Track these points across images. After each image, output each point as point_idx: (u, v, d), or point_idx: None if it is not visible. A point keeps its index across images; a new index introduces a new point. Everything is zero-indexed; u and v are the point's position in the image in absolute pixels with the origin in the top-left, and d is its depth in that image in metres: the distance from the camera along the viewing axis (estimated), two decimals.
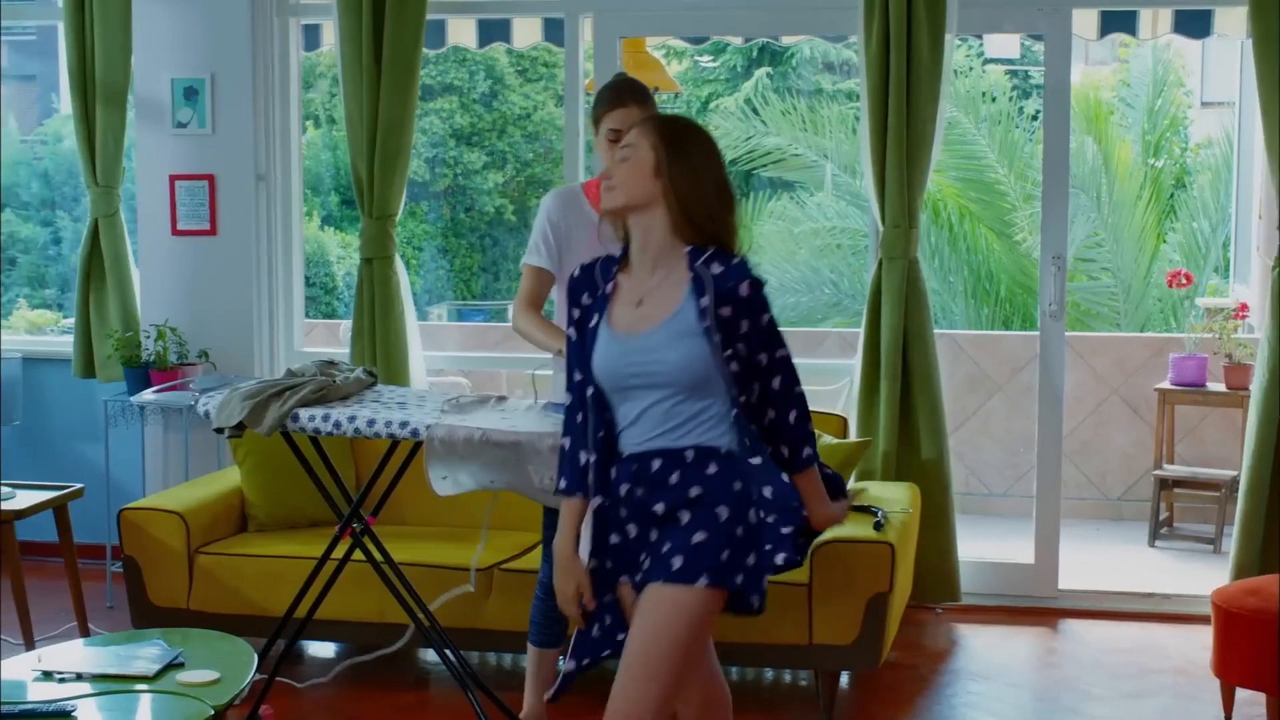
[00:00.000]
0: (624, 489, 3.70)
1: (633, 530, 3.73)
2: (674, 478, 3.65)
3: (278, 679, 5.53)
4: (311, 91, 15.66)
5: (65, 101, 15.09)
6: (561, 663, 5.09)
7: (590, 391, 3.74)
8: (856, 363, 6.64)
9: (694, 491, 3.64)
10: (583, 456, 3.76)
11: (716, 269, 3.64)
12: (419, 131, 6.50)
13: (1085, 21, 6.94)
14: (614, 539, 3.75)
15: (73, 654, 4.68)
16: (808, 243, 12.48)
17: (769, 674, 6.03)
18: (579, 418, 3.77)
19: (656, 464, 3.66)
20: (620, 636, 3.76)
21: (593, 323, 3.73)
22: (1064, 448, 6.96)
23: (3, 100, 13.49)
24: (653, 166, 3.68)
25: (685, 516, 3.65)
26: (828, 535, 5.48)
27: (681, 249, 3.68)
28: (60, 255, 12.98)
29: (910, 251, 6.47)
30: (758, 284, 3.64)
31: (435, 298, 16.39)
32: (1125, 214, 11.33)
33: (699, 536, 3.61)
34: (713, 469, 3.64)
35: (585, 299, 3.78)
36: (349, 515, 5.19)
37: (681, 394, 3.63)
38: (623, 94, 4.78)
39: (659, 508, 3.67)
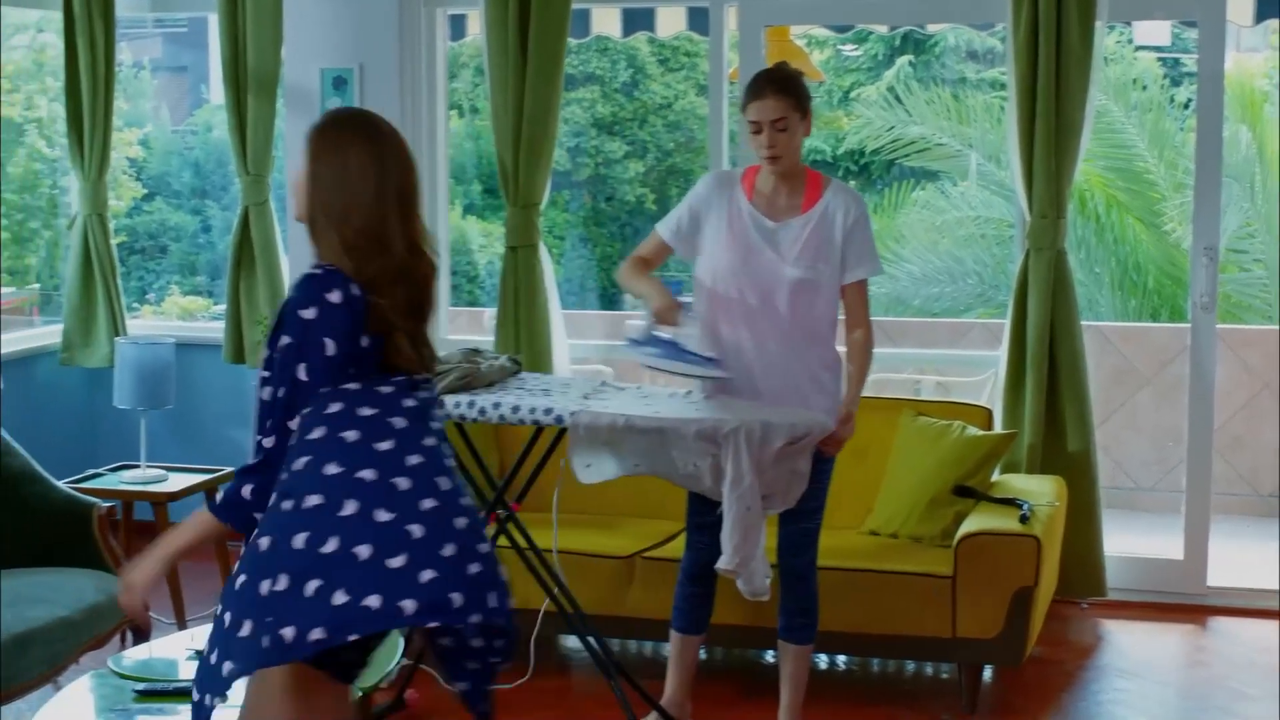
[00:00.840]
0: None
1: None
2: None
3: (421, 665, 5.58)
4: (455, 81, 15.77)
5: (215, 92, 15.33)
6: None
7: None
8: (1002, 354, 6.57)
9: None
10: None
11: None
12: (561, 121, 6.53)
13: (1240, 7, 6.80)
14: None
15: None
16: (951, 233, 12.35)
17: (910, 666, 5.99)
18: None
19: None
20: None
21: None
22: (1214, 442, 6.83)
23: (155, 91, 13.75)
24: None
25: None
26: (973, 527, 5.44)
27: None
28: (209, 243, 13.18)
29: (1058, 242, 6.39)
30: (288, 303, 3.22)
31: (576, 286, 16.45)
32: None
33: None
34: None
35: None
36: (494, 502, 5.23)
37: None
38: (761, 86, 4.79)
39: None
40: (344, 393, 3.19)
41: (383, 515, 3.09)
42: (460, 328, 8.58)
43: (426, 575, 3.05)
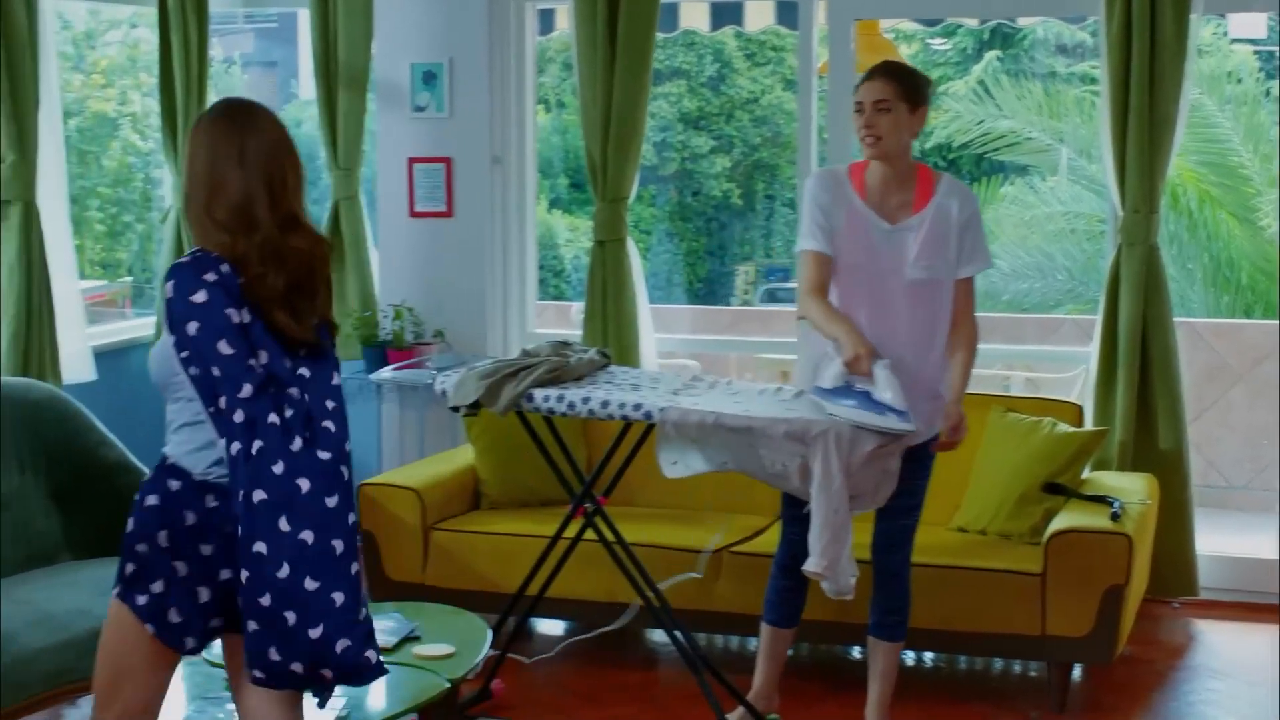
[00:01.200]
0: None
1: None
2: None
3: (507, 657, 5.61)
4: (542, 76, 15.82)
5: (304, 87, 15.46)
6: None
7: None
8: (1093, 350, 6.51)
9: None
10: None
11: None
12: (648, 115, 6.57)
13: None
14: None
15: None
16: (1041, 228, 12.27)
17: (998, 664, 5.95)
18: None
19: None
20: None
21: None
22: None
23: (246, 86, 13.87)
24: None
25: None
26: (1063, 524, 5.39)
27: None
28: None
29: (1150, 237, 6.32)
30: (169, 284, 3.39)
31: (663, 280, 16.47)
32: None
33: None
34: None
35: None
36: (581, 495, 5.24)
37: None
38: (872, 70, 4.82)
39: None
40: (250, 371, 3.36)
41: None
42: (547, 321, 8.63)
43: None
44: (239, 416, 3.31)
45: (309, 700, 3.49)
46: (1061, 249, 11.96)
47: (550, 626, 6.39)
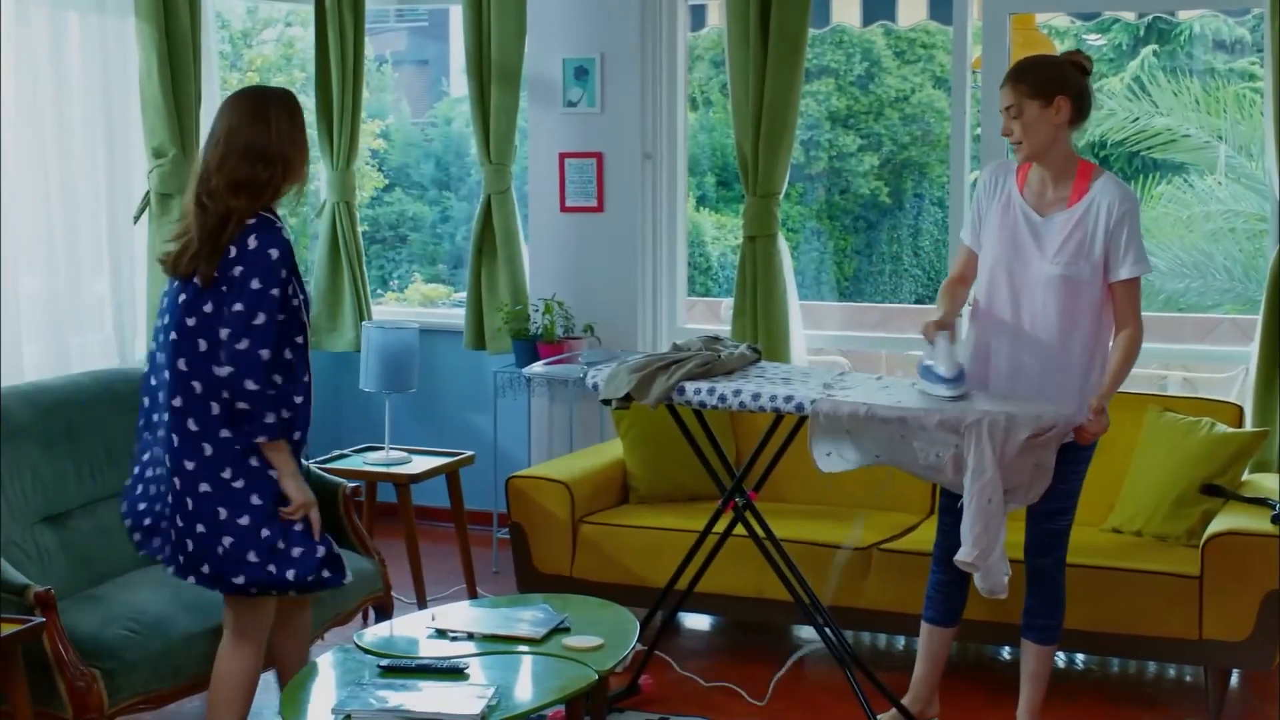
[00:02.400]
0: None
1: None
2: None
3: (655, 653, 5.60)
4: (691, 73, 15.82)
5: (455, 85, 15.58)
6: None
7: None
8: (1254, 350, 6.36)
9: None
10: None
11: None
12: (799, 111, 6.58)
13: None
14: None
15: (462, 614, 4.84)
16: (1199, 226, 12.03)
17: (1153, 668, 5.85)
18: None
19: None
20: None
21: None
22: None
23: (396, 84, 14.03)
24: None
25: None
26: (1221, 526, 5.28)
27: None
28: (448, 234, 13.41)
29: None
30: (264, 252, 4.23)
31: (811, 279, 16.39)
32: None
33: None
34: None
35: None
36: (732, 489, 5.23)
37: None
38: (1006, 73, 4.80)
39: None
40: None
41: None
42: (696, 317, 8.61)
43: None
44: None
45: (456, 687, 3.59)
46: (1221, 248, 11.71)
47: (700, 622, 6.38)
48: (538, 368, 6.62)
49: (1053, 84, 4.69)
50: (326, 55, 7.47)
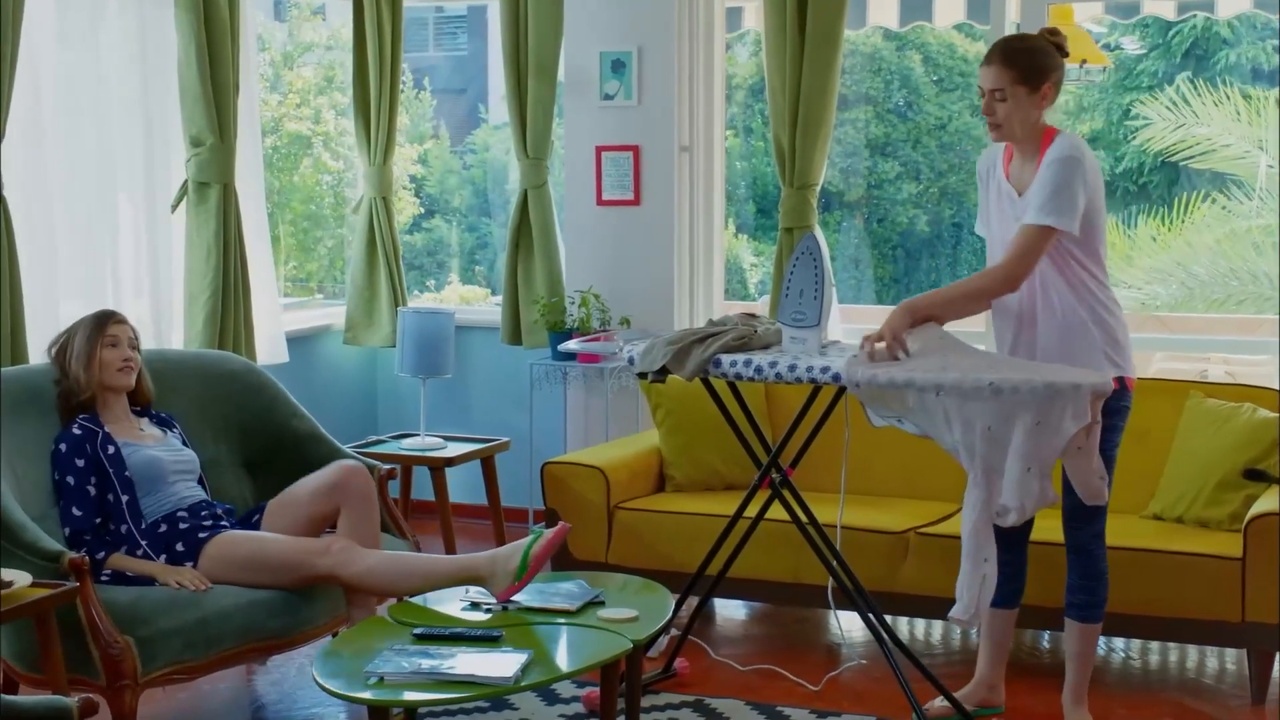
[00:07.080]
0: None
1: None
2: None
3: (690, 638, 5.55)
4: (729, 105, 15.82)
5: (494, 113, 15.63)
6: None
7: None
8: None
9: None
10: None
11: None
12: (834, 141, 6.53)
13: None
14: None
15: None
16: (1240, 236, 11.96)
17: (1194, 651, 5.77)
18: None
19: None
20: None
21: None
22: None
23: (432, 113, 14.07)
24: None
25: None
26: (1265, 508, 5.21)
27: None
28: (487, 260, 13.43)
29: None
30: None
31: (848, 304, 16.36)
32: None
33: None
34: None
35: None
36: (768, 464, 5.17)
37: None
38: (991, 51, 4.70)
39: None
40: None
41: None
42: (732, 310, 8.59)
43: None
44: None
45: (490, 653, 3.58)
46: (1264, 256, 11.65)
47: (736, 608, 6.33)
48: (574, 344, 6.60)
49: (1042, 71, 4.64)
50: (364, 43, 7.49)
